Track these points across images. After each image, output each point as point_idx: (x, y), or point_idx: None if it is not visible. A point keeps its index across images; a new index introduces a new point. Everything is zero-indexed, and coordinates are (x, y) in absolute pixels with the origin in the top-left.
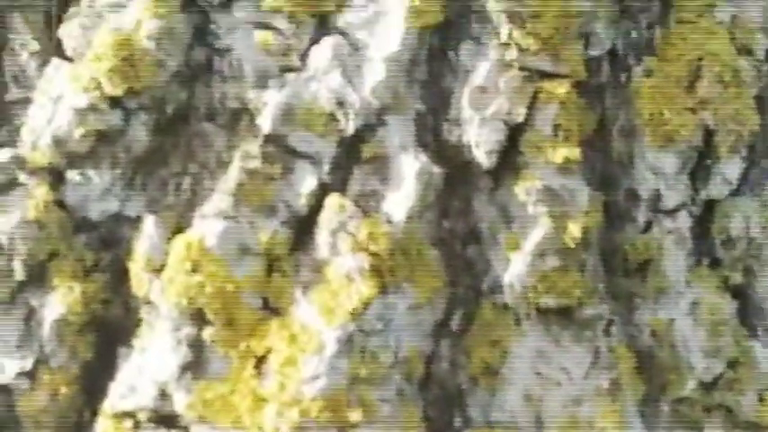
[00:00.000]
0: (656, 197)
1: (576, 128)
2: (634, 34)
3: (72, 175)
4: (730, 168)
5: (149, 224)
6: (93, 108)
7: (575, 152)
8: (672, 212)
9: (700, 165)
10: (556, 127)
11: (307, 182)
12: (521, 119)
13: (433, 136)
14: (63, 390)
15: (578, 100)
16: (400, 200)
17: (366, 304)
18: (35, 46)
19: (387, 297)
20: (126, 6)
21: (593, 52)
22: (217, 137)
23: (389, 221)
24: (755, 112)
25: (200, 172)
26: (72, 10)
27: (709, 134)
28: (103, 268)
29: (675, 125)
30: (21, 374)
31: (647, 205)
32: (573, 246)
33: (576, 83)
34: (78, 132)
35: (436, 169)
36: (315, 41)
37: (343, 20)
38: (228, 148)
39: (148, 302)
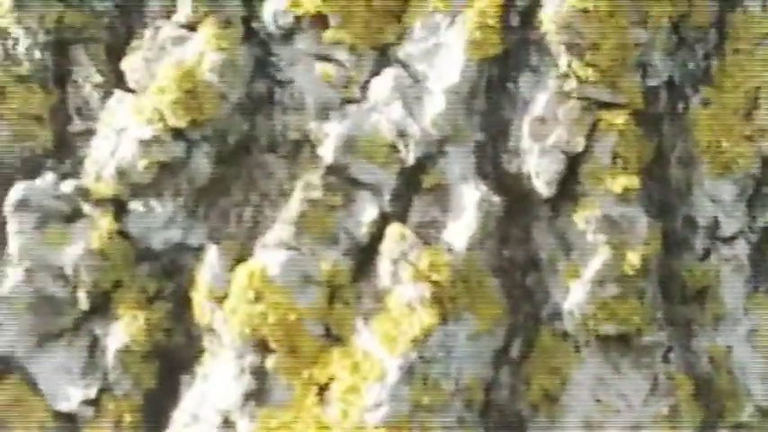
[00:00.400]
0: (714, 225)
1: (635, 157)
2: (691, 64)
3: (135, 206)
4: None
5: (212, 253)
6: (156, 139)
7: (634, 181)
8: (730, 240)
9: (757, 192)
10: (615, 156)
11: (368, 211)
12: (580, 148)
13: (493, 166)
14: (127, 418)
15: (636, 129)
16: (461, 229)
17: (427, 333)
18: (98, 78)
19: (448, 326)
20: (188, 39)
21: (651, 82)
22: (278, 167)
23: (450, 250)
24: None
25: (261, 202)
26: (135, 43)
27: (766, 162)
28: (166, 297)
29: (733, 154)
30: (85, 402)
31: (705, 233)
32: (632, 274)
33: (635, 112)
34: (142, 163)
35: (496, 199)
36: (375, 73)
37: (403, 52)
38: (290, 178)
39: (211, 331)
